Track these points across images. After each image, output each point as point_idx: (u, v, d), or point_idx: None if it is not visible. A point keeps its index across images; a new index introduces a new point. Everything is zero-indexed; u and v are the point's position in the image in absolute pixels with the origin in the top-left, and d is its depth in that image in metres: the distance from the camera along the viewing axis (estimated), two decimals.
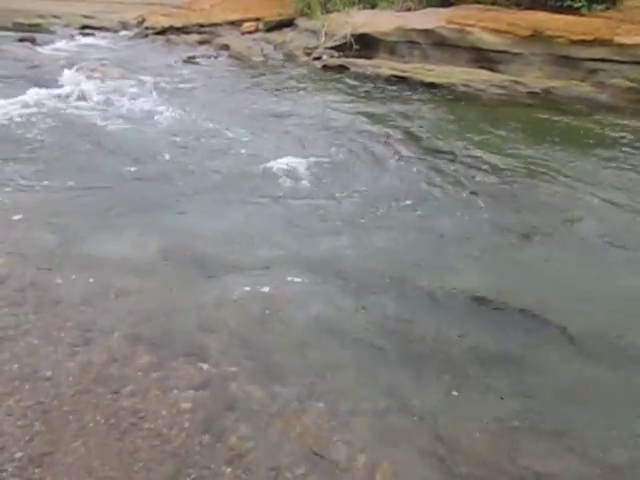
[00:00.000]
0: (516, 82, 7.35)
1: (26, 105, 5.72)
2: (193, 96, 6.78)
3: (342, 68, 8.37)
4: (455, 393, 2.33)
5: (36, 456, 1.91)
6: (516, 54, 7.72)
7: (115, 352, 2.40)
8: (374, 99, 6.94)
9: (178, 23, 11.04)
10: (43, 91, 6.20)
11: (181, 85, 7.30)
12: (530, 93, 7.14)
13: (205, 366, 2.35)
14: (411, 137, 5.46)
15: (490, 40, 7.81)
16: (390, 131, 5.60)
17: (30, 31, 10.77)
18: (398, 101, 6.84)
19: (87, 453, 1.94)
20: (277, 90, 7.32)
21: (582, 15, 7.63)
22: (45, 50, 9.30)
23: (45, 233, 3.40)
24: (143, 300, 2.80)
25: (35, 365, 2.30)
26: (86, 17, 11.97)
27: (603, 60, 7.16)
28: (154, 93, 6.68)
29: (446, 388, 2.35)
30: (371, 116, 6.15)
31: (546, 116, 6.29)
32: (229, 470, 1.90)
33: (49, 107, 5.78)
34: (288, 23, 10.51)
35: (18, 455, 1.92)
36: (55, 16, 12.13)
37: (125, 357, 2.37)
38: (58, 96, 6.15)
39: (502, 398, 2.32)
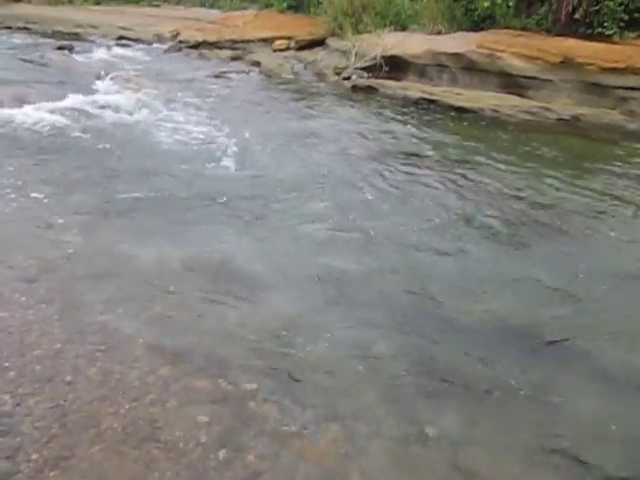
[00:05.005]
0: (545, 108, 7.30)
1: (60, 112, 5.86)
2: (223, 110, 6.87)
3: (371, 89, 8.41)
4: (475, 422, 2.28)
5: (52, 459, 1.92)
6: (545, 80, 7.68)
7: (136, 361, 2.41)
8: (402, 121, 6.94)
9: (211, 38, 11.28)
10: (77, 98, 6.34)
11: (211, 99, 7.41)
12: (559, 120, 7.09)
13: (224, 381, 2.34)
14: (438, 161, 5.44)
15: (520, 66, 7.79)
16: (417, 154, 5.59)
17: (68, 39, 11.11)
18: (426, 124, 6.83)
19: (103, 460, 1.93)
20: (305, 108, 7.39)
21: (614, 42, 7.58)
22: (82, 58, 9.57)
23: (71, 238, 3.45)
24: (167, 310, 2.82)
25: (56, 368, 2.32)
26: (123, 29, 12.31)
27: (634, 88, 7.09)
28: (185, 105, 6.81)
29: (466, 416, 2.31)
30: (398, 138, 6.14)
31: (575, 143, 6.22)
32: None
33: (82, 115, 5.91)
34: (319, 42, 10.65)
35: (34, 457, 1.92)
36: (93, 26, 12.51)
37: (145, 366, 2.38)
38: (92, 104, 6.28)
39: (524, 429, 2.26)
